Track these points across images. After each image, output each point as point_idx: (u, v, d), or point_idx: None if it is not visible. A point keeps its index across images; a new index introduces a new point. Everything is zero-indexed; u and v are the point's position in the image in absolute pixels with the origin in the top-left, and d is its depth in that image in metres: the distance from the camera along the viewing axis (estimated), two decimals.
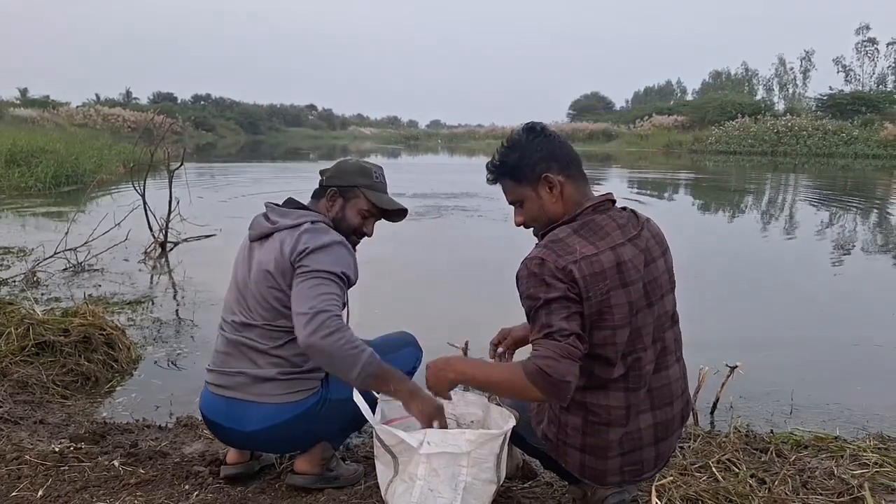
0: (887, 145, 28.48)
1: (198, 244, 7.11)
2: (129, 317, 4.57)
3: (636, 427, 1.78)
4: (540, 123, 1.86)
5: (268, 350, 2.05)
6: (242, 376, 2.08)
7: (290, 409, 2.06)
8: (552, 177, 1.76)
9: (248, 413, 2.06)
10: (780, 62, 57.25)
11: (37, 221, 8.80)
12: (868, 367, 3.94)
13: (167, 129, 9.73)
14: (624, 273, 1.67)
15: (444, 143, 50.62)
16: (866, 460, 2.47)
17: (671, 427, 1.84)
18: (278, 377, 2.05)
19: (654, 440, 1.81)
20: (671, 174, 20.42)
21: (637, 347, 1.73)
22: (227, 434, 2.17)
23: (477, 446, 1.78)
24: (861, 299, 5.66)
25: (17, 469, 2.28)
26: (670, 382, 1.82)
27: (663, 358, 1.80)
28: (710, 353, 3.43)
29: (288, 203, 2.22)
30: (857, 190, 16.17)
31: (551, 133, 1.84)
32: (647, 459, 1.82)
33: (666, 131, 38.33)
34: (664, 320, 1.79)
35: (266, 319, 2.05)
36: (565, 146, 1.83)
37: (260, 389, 2.06)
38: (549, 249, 1.66)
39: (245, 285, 2.11)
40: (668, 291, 1.80)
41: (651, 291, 1.74)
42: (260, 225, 2.14)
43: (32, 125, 26.95)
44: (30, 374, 3.17)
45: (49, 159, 12.79)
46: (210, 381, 2.16)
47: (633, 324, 1.70)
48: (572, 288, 1.61)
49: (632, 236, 1.73)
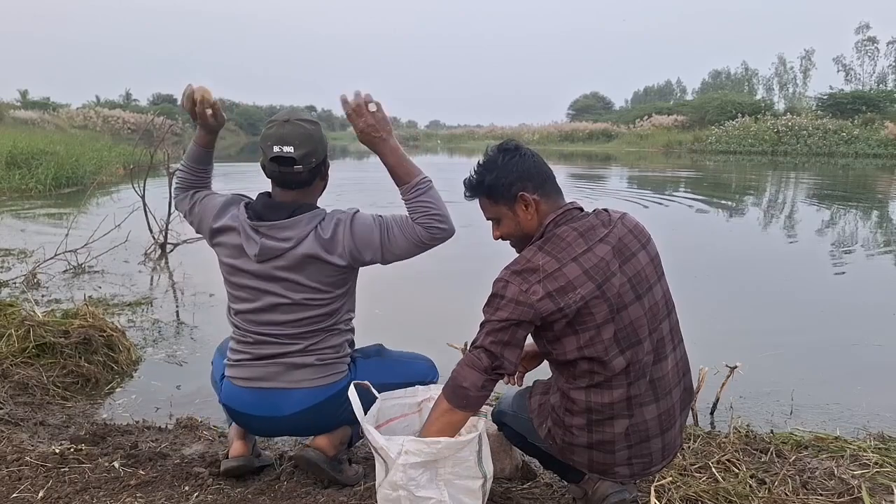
0: (888, 144, 28.47)
1: (198, 245, 7.08)
2: (130, 318, 4.57)
3: (641, 419, 1.81)
4: (514, 142, 1.93)
5: (309, 330, 2.10)
6: (278, 365, 2.12)
7: (323, 392, 2.13)
8: (527, 196, 1.83)
9: (282, 400, 2.13)
10: (780, 61, 57.28)
11: (37, 223, 8.80)
12: (868, 367, 3.94)
13: (167, 131, 9.73)
14: (593, 276, 1.72)
15: (444, 144, 50.62)
16: (866, 460, 2.47)
17: (673, 415, 1.87)
18: (315, 363, 2.12)
19: (660, 430, 1.84)
20: (671, 173, 20.42)
21: (633, 341, 1.76)
22: (260, 422, 2.21)
23: (454, 452, 1.81)
24: (861, 298, 5.65)
25: (17, 470, 2.28)
26: (667, 372, 1.84)
27: (661, 348, 1.82)
28: (710, 354, 3.43)
29: (272, 206, 2.11)
30: (857, 189, 16.17)
31: (526, 152, 1.89)
32: (654, 451, 1.86)
33: (666, 131, 38.28)
34: (657, 310, 1.81)
35: (310, 299, 2.07)
36: (539, 164, 1.88)
37: (294, 377, 2.12)
38: (515, 273, 1.75)
39: (268, 272, 2.07)
40: (657, 281, 1.83)
41: (637, 285, 1.77)
42: (266, 248, 2.06)
43: (33, 127, 26.92)
44: (30, 375, 3.18)
45: (49, 161, 12.78)
46: (235, 376, 2.17)
47: (622, 320, 1.74)
48: (527, 312, 1.71)
49: (601, 237, 1.77)
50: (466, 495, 1.86)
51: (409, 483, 1.79)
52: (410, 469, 1.79)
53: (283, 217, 2.06)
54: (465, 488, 1.86)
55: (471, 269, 6.22)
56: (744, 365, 3.13)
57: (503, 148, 1.89)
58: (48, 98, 44.17)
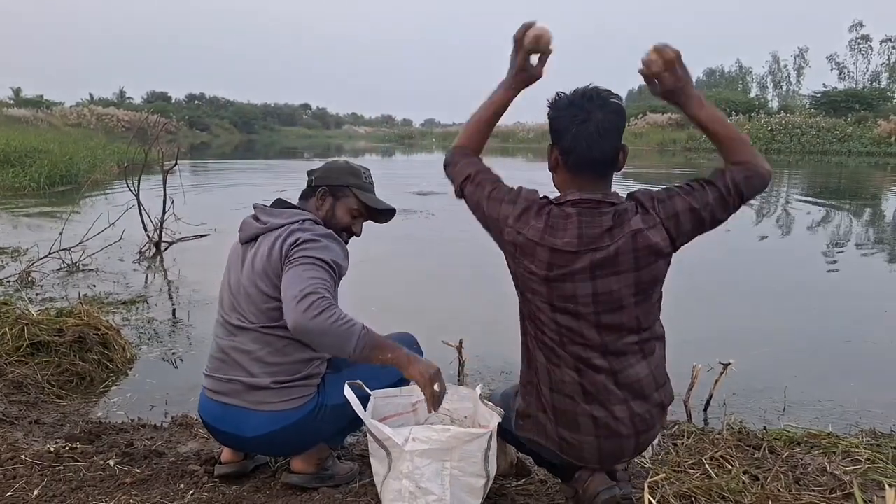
0: (881, 142, 28.59)
1: (192, 244, 7.10)
2: (124, 316, 4.56)
3: (610, 415, 1.80)
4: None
5: (262, 357, 2.04)
6: (236, 383, 2.07)
7: (287, 417, 2.05)
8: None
9: (245, 420, 2.06)
10: (774, 60, 57.56)
11: (31, 221, 8.77)
12: (860, 364, 3.96)
13: (161, 129, 9.72)
14: (551, 276, 1.73)
15: (439, 142, 50.57)
16: (858, 456, 2.48)
17: (650, 418, 1.85)
18: (272, 386, 2.04)
19: (635, 432, 1.83)
20: (665, 171, 20.45)
21: (577, 342, 1.77)
22: (226, 438, 2.18)
23: (462, 443, 1.80)
24: (853, 296, 5.68)
25: (12, 469, 2.28)
26: (640, 379, 1.81)
27: (624, 358, 1.79)
28: (704, 351, 3.46)
29: (277, 203, 2.21)
30: (850, 187, 16.23)
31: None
32: (626, 447, 1.86)
33: (660, 129, 38.36)
34: (620, 328, 1.77)
35: (261, 322, 2.04)
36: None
37: (255, 397, 2.05)
38: (529, 190, 1.84)
39: (238, 288, 2.09)
40: (632, 305, 1.76)
41: (603, 303, 1.73)
42: (249, 226, 2.14)
43: (26, 125, 26.86)
44: (25, 374, 3.17)
45: (43, 159, 12.74)
46: (206, 387, 2.16)
47: (566, 319, 1.75)
48: (508, 238, 1.79)
49: (595, 258, 1.71)
50: (469, 494, 1.86)
51: (415, 472, 1.79)
52: (417, 458, 1.78)
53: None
54: (469, 486, 1.85)
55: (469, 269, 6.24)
56: (737, 362, 3.15)
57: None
58: (41, 96, 44.03)
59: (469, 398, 2.15)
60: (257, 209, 2.19)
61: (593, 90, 1.76)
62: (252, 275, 2.05)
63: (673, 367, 1.97)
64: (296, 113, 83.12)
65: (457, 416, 2.18)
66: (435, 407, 1.87)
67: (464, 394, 2.18)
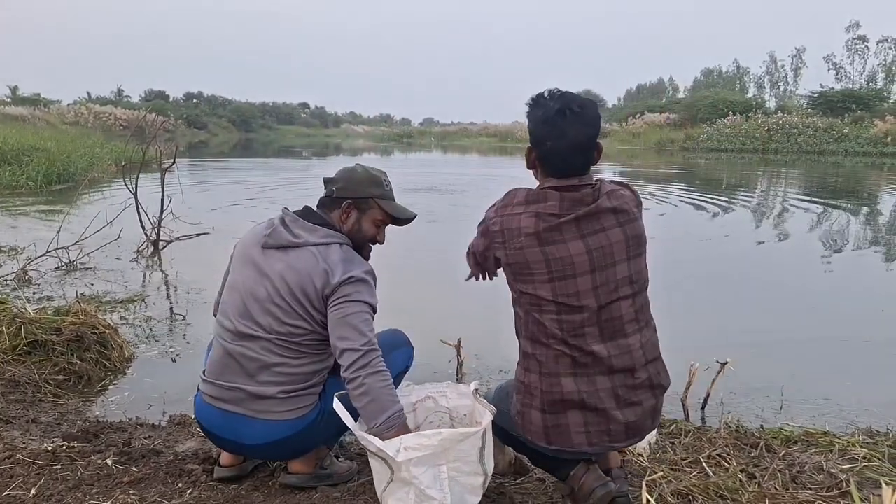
0: (877, 142, 28.63)
1: (190, 242, 7.08)
2: (122, 315, 4.56)
3: (593, 388, 1.82)
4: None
5: (271, 364, 2.03)
6: (240, 392, 2.05)
7: (290, 426, 2.06)
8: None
9: (246, 428, 2.06)
10: (771, 60, 57.47)
11: (28, 220, 8.75)
12: (857, 363, 3.98)
13: (159, 127, 9.67)
14: (542, 235, 1.78)
15: (437, 141, 50.55)
16: (855, 455, 2.50)
17: (636, 393, 1.86)
18: (278, 395, 2.04)
19: (617, 404, 1.83)
20: (664, 170, 20.47)
21: (573, 307, 1.79)
22: (225, 444, 2.17)
23: (455, 444, 1.80)
24: (850, 295, 5.70)
25: (9, 468, 2.27)
26: (630, 350, 1.84)
27: (619, 324, 1.83)
28: (701, 350, 3.47)
29: (307, 214, 2.15)
30: (847, 187, 16.26)
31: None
32: (614, 423, 1.84)
33: (658, 129, 38.38)
34: (616, 286, 1.82)
35: (276, 333, 2.02)
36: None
37: (258, 406, 2.04)
38: (497, 204, 1.91)
39: (253, 293, 2.05)
40: (624, 260, 1.83)
41: (596, 258, 1.79)
42: (280, 235, 2.07)
43: (23, 123, 26.73)
44: (22, 373, 3.17)
45: (40, 157, 12.68)
46: (205, 392, 2.13)
47: (563, 286, 1.78)
48: (496, 237, 1.86)
49: (578, 213, 1.79)
50: (469, 493, 1.86)
51: (414, 480, 1.79)
52: (413, 467, 1.78)
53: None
54: (468, 485, 1.85)
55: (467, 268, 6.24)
56: (734, 361, 3.16)
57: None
58: (39, 94, 43.80)
59: (468, 395, 2.15)
60: (288, 218, 2.12)
61: (569, 104, 1.81)
62: (278, 286, 2.01)
63: (670, 365, 1.98)
64: (294, 112, 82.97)
65: (456, 414, 2.18)
66: None
67: (463, 391, 2.18)
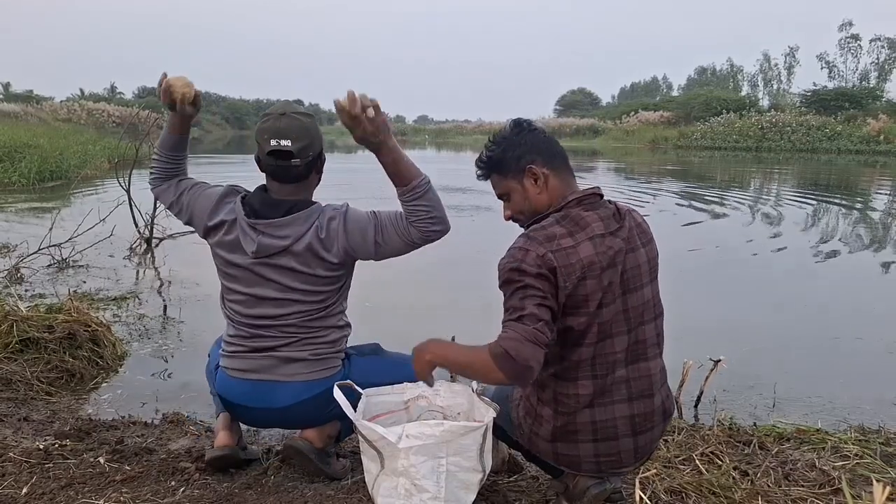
0: (870, 140, 28.78)
1: (183, 239, 7.06)
2: (115, 313, 4.54)
3: (610, 416, 1.78)
4: (526, 119, 1.90)
5: (296, 321, 2.10)
6: (270, 359, 2.13)
7: (318, 385, 2.14)
8: (536, 169, 1.80)
9: (276, 392, 2.14)
10: (764, 58, 57.59)
11: (20, 217, 8.71)
12: (849, 361, 4.00)
13: (152, 124, 9.62)
14: (597, 263, 1.68)
15: (432, 139, 50.51)
16: (847, 452, 2.51)
17: (651, 419, 1.83)
18: (309, 357, 2.13)
19: (632, 432, 1.80)
20: (657, 167, 20.52)
21: (608, 333, 1.74)
22: (254, 413, 2.24)
23: (457, 437, 1.80)
24: (843, 293, 5.73)
25: (1, 466, 2.26)
26: (650, 374, 1.82)
27: (642, 349, 1.80)
28: (694, 347, 3.47)
29: (276, 205, 2.11)
30: (840, 185, 16.32)
31: (536, 128, 1.87)
32: (625, 451, 1.81)
33: (652, 127, 38.45)
34: (643, 310, 1.79)
35: (302, 286, 2.08)
36: (550, 140, 1.87)
37: (288, 370, 2.13)
38: (532, 240, 1.69)
39: (264, 268, 2.07)
40: (648, 282, 1.81)
41: (629, 279, 1.75)
42: (265, 246, 2.07)
43: (16, 120, 26.60)
44: (14, 370, 3.15)
45: (33, 154, 12.62)
46: (231, 367, 2.18)
47: (606, 313, 1.72)
48: (550, 277, 1.64)
49: (614, 229, 1.75)
50: (464, 489, 1.85)
51: (410, 469, 1.78)
52: (413, 455, 1.78)
53: (280, 214, 2.06)
54: (464, 481, 1.85)
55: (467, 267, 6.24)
56: (727, 359, 3.17)
57: (514, 123, 1.87)
58: (31, 91, 43.66)
59: (463, 394, 2.15)
60: (261, 225, 2.06)
61: (513, 125, 1.87)
62: (294, 254, 2.05)
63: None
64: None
65: (450, 413, 2.17)
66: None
67: (457, 390, 2.17)
